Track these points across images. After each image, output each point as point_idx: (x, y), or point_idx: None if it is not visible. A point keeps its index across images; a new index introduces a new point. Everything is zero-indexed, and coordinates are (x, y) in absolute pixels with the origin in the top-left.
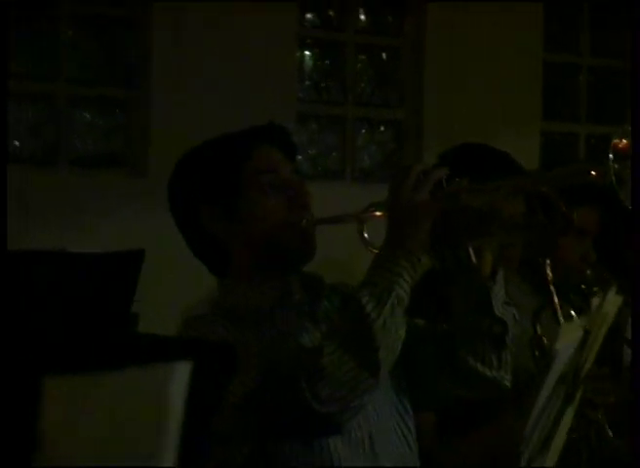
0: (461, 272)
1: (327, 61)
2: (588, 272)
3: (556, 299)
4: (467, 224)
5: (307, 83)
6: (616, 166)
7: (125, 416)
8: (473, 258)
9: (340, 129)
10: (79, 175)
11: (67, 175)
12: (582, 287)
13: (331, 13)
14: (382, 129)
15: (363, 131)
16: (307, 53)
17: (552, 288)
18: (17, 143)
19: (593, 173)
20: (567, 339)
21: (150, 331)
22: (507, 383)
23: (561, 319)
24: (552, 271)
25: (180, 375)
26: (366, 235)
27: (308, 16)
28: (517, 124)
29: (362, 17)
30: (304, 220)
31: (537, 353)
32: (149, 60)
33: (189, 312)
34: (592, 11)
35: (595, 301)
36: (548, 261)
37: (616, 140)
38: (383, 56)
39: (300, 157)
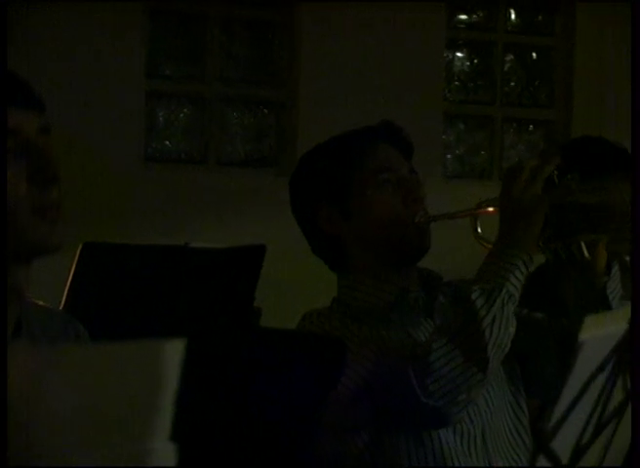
0: (575, 268)
1: (476, 61)
2: None
3: None
4: (580, 220)
5: (456, 83)
6: None
7: (111, 392)
8: (586, 254)
9: (488, 128)
10: (228, 175)
11: (217, 175)
12: None
13: (480, 13)
14: (531, 128)
15: (511, 130)
16: (457, 54)
17: None
18: (168, 143)
19: None
20: (593, 332)
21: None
22: None
23: None
24: None
25: (172, 353)
26: (479, 230)
27: (458, 17)
28: None
29: (512, 16)
30: (419, 216)
31: None
32: (298, 62)
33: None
34: None
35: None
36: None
37: None
38: (534, 55)
39: (448, 156)
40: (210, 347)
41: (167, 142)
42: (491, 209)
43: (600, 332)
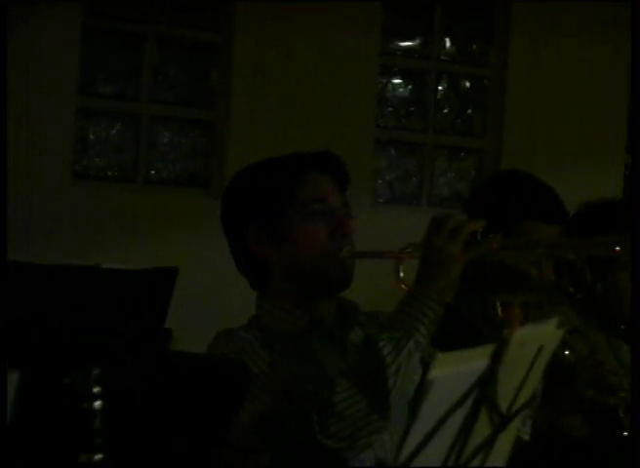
0: (487, 324)
1: (409, 88)
2: None
3: None
4: (497, 278)
5: (389, 109)
6: None
7: None
8: (499, 312)
9: (419, 155)
10: (157, 194)
11: (146, 194)
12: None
13: (415, 41)
14: (462, 156)
15: (442, 158)
16: (392, 80)
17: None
18: (98, 161)
19: (617, 248)
20: (444, 370)
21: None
22: (526, 437)
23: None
24: (608, 304)
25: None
26: (402, 274)
27: (394, 43)
28: (599, 154)
29: (447, 45)
30: (345, 251)
31: None
32: (230, 84)
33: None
34: None
35: (507, 334)
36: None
37: None
38: (467, 84)
39: (379, 181)
40: (118, 370)
41: (97, 160)
42: (414, 254)
43: (454, 370)
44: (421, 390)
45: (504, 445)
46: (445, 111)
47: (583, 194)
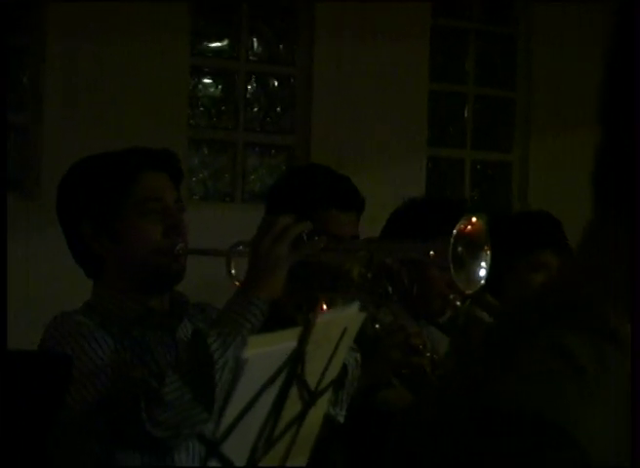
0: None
1: (220, 87)
2: (451, 297)
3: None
4: (321, 278)
5: (201, 109)
6: (459, 248)
7: None
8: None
9: (231, 153)
10: None
11: None
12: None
13: (224, 42)
14: (273, 153)
15: (254, 155)
16: (203, 80)
17: None
18: None
19: (432, 253)
20: (257, 350)
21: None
22: (341, 419)
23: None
24: (423, 299)
25: None
26: (233, 271)
27: (202, 45)
28: (404, 150)
29: (255, 46)
30: (178, 248)
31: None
32: (42, 85)
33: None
34: (478, 41)
35: (312, 317)
36: None
37: (461, 225)
38: (275, 83)
39: (193, 179)
40: None
41: None
42: (243, 252)
43: (266, 349)
44: (236, 368)
45: (315, 419)
46: (255, 110)
47: (389, 188)
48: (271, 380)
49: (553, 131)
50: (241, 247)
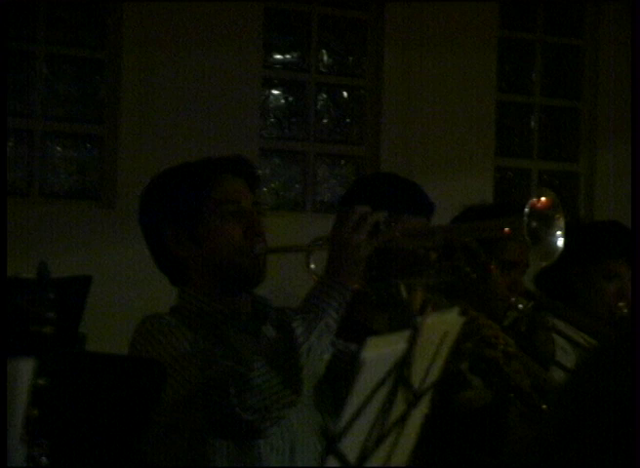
0: (393, 306)
1: (290, 99)
2: (513, 299)
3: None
4: (400, 264)
5: (272, 120)
6: (533, 224)
7: None
8: (404, 294)
9: (301, 163)
10: (51, 207)
11: (40, 207)
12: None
13: (295, 54)
14: (343, 163)
15: (324, 165)
16: (273, 92)
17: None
18: None
19: (507, 229)
20: (375, 351)
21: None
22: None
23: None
24: (485, 302)
25: (23, 372)
26: (313, 266)
27: (273, 57)
28: (471, 160)
29: (324, 58)
30: (258, 248)
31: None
32: (118, 98)
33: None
34: (544, 52)
35: (420, 321)
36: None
37: (534, 200)
38: (344, 95)
39: (264, 189)
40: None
41: None
42: (322, 246)
43: (382, 351)
44: (354, 369)
45: (416, 420)
46: (325, 121)
47: (457, 197)
48: (383, 381)
49: (619, 140)
50: (320, 242)
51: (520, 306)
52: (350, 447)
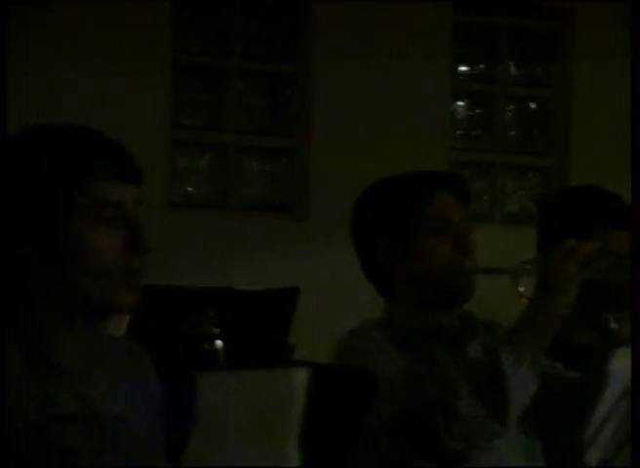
0: (600, 337)
1: (477, 111)
2: None
3: None
4: (610, 295)
5: (459, 132)
6: None
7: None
8: (614, 325)
9: (489, 175)
10: (246, 219)
11: (236, 220)
12: None
13: (482, 65)
14: (530, 175)
15: (511, 177)
16: (459, 103)
17: None
18: (190, 189)
19: None
20: (623, 363)
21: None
22: None
23: None
24: None
25: (298, 378)
26: (522, 289)
27: (461, 68)
28: None
29: (512, 68)
30: (468, 266)
31: None
32: (310, 112)
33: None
34: None
35: None
36: None
37: None
38: (532, 105)
39: None
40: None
41: (189, 188)
42: (531, 271)
43: (626, 363)
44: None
45: None
46: (512, 132)
47: None
48: (625, 393)
49: None
50: (527, 265)
51: None
52: (594, 456)
